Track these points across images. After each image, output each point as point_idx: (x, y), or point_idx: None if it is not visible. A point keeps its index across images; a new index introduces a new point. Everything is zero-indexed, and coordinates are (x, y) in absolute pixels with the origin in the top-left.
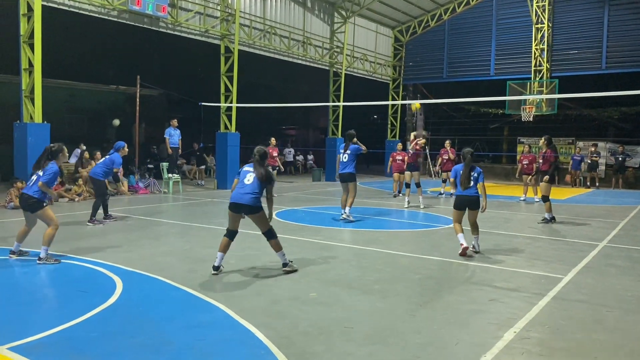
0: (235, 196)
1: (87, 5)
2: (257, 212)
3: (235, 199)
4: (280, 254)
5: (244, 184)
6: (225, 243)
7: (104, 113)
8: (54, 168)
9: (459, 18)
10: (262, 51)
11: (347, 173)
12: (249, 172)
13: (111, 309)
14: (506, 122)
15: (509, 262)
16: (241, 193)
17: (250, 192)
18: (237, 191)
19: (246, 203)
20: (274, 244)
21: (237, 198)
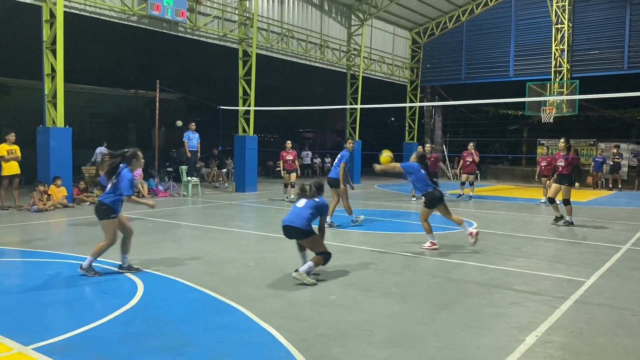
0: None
1: (108, 11)
2: (308, 236)
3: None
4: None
5: (295, 206)
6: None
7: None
8: (128, 176)
9: (477, 19)
10: (279, 54)
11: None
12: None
13: (132, 311)
14: (526, 123)
15: (530, 265)
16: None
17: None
18: (289, 215)
19: (297, 225)
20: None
21: (288, 221)
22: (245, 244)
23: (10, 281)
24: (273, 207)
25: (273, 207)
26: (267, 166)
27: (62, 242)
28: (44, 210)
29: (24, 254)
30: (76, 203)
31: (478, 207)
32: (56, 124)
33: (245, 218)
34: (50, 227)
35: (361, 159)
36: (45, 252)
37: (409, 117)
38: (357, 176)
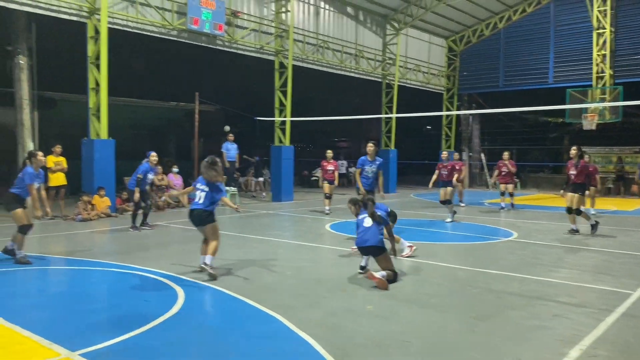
0: (359, 241)
1: (149, 26)
2: (382, 252)
3: (360, 244)
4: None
5: (364, 227)
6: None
7: (164, 128)
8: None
9: (515, 26)
10: (315, 65)
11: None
12: (365, 217)
13: (173, 319)
14: (567, 131)
15: (573, 276)
16: (365, 237)
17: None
18: (361, 236)
19: (372, 244)
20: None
21: (361, 242)
22: (283, 252)
23: (56, 289)
24: (309, 216)
25: (309, 216)
26: (303, 176)
27: (105, 251)
28: (88, 219)
29: (70, 262)
30: (119, 212)
31: (518, 216)
32: (100, 136)
33: (282, 227)
34: (94, 236)
35: (397, 168)
36: (89, 261)
37: (446, 125)
38: (393, 185)
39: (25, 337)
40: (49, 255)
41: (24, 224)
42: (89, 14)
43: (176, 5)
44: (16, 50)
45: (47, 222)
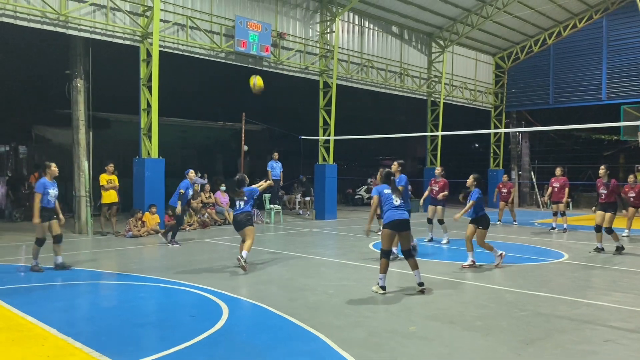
0: (394, 215)
1: (198, 49)
2: (409, 228)
3: (398, 217)
4: (417, 272)
5: (395, 204)
6: (386, 264)
7: (212, 148)
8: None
9: (564, 42)
10: (359, 84)
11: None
12: (391, 195)
13: (217, 335)
14: (622, 149)
15: (627, 300)
16: (399, 212)
17: (406, 209)
18: (394, 212)
19: (406, 217)
20: (412, 263)
21: (398, 216)
22: (325, 271)
23: (107, 303)
24: (352, 234)
25: (352, 234)
26: (347, 194)
27: (153, 267)
28: (138, 236)
29: (120, 277)
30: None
31: (570, 237)
32: (150, 155)
33: (325, 245)
34: (143, 252)
35: None
36: (138, 276)
37: (494, 143)
38: None
39: (77, 348)
40: (101, 270)
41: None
42: (141, 38)
43: (224, 29)
44: (74, 73)
45: (99, 238)
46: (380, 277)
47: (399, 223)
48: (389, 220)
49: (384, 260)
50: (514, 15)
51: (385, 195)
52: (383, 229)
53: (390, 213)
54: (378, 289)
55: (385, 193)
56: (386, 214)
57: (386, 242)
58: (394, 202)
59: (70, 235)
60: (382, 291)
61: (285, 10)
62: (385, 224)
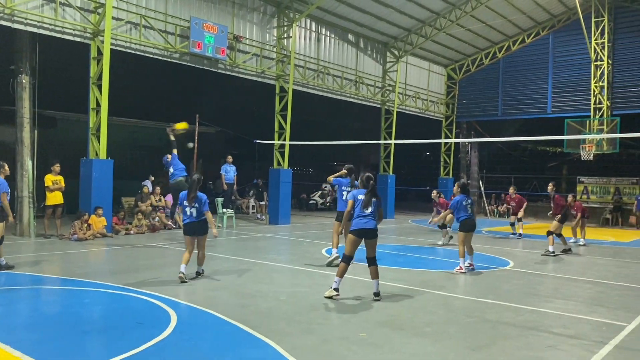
0: (360, 223)
1: (152, 49)
2: (376, 236)
3: (363, 226)
4: (376, 282)
5: (363, 211)
6: (344, 269)
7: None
8: (204, 197)
9: (514, 56)
10: (315, 90)
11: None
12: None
13: (165, 342)
14: (565, 160)
15: (568, 307)
16: (365, 220)
17: (373, 218)
18: (361, 220)
19: (371, 227)
20: (373, 271)
21: (363, 225)
22: (278, 277)
23: (49, 309)
24: (305, 240)
25: (305, 240)
26: (301, 199)
27: (99, 271)
28: (83, 239)
29: (63, 282)
30: (114, 233)
31: (515, 245)
32: (99, 155)
33: (278, 251)
34: (88, 256)
35: (395, 194)
36: (83, 281)
37: (444, 152)
38: (391, 210)
39: (16, 357)
40: (43, 275)
41: None
42: (92, 35)
43: (179, 29)
44: (19, 69)
45: (43, 241)
46: (335, 281)
47: (364, 232)
48: (355, 227)
49: (342, 265)
50: (466, 29)
51: (359, 201)
52: (349, 235)
53: (357, 220)
54: (331, 291)
55: (359, 199)
56: (354, 220)
57: (349, 247)
58: (363, 210)
59: (12, 237)
60: (335, 293)
61: (242, 14)
62: (350, 230)
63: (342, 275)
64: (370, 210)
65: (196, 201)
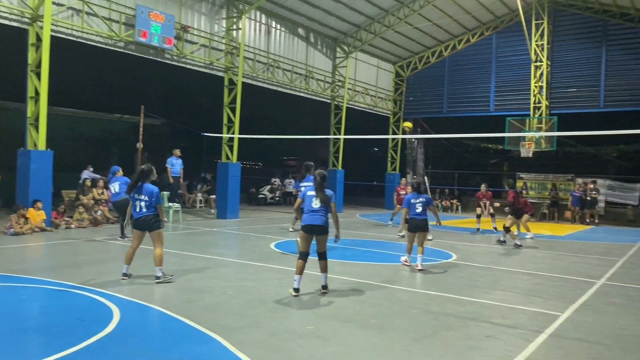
0: (308, 219)
1: (95, 36)
2: (326, 233)
3: (310, 222)
4: (324, 276)
5: (312, 208)
6: (302, 265)
7: (107, 141)
8: (155, 189)
9: (459, 55)
10: (265, 84)
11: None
12: (313, 197)
13: (108, 338)
14: (506, 157)
15: (507, 298)
16: (314, 217)
17: (322, 214)
18: (309, 216)
19: (318, 224)
20: (323, 265)
21: (311, 221)
22: (225, 271)
23: None
24: (254, 234)
25: (254, 234)
26: (250, 193)
27: (37, 267)
28: (21, 233)
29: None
30: (53, 227)
31: (459, 239)
32: (37, 146)
33: (225, 245)
34: (26, 251)
35: (344, 189)
36: (20, 277)
37: (392, 148)
38: (340, 205)
39: None
40: None
41: None
42: (30, 20)
43: (124, 17)
44: None
45: None
46: (295, 279)
47: (311, 228)
48: (304, 223)
49: (299, 262)
50: (414, 27)
51: (308, 197)
52: (300, 231)
53: (306, 216)
54: (292, 290)
55: (308, 195)
56: (303, 216)
57: (302, 244)
58: (312, 206)
59: None
60: (295, 293)
61: (190, 3)
62: (301, 226)
63: (301, 273)
64: (319, 206)
65: (144, 193)
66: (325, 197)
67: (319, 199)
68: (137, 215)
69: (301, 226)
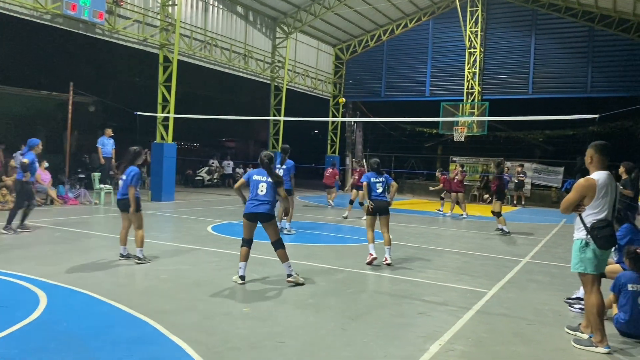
0: (250, 207)
1: (18, 8)
2: (270, 220)
3: (253, 210)
4: (287, 265)
5: (257, 194)
6: (246, 252)
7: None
8: (135, 171)
9: (397, 39)
10: (202, 62)
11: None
12: (261, 182)
13: (33, 325)
14: (440, 141)
15: (439, 276)
16: (257, 204)
17: (266, 202)
18: (252, 202)
19: (262, 212)
20: (281, 254)
21: (254, 209)
22: (159, 255)
23: None
24: (190, 217)
25: (190, 217)
26: (186, 175)
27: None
28: None
29: None
30: None
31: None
32: None
33: (160, 228)
34: None
35: None
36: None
37: (332, 130)
38: None
39: None
40: None
41: None
42: None
43: None
44: None
45: None
46: (240, 266)
47: (255, 216)
48: (246, 210)
49: (242, 249)
50: (353, 9)
51: (254, 181)
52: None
53: (249, 203)
54: (237, 278)
55: (254, 179)
56: (247, 202)
57: (244, 231)
58: (257, 192)
59: None
60: (241, 281)
61: None
62: (244, 213)
63: (245, 259)
64: (265, 192)
65: (125, 173)
66: (279, 178)
67: (268, 183)
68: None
69: (243, 213)
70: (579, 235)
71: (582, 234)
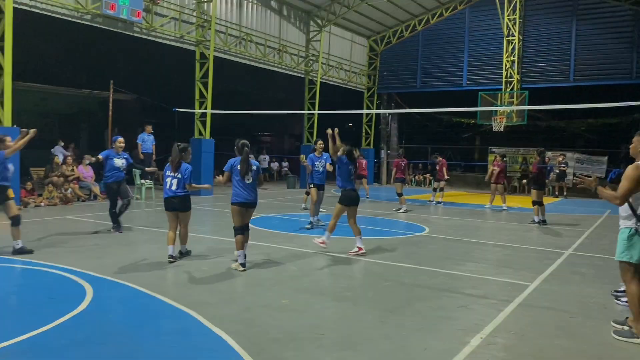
0: (243, 195)
1: (60, 9)
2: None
3: (243, 199)
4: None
5: (245, 184)
6: (242, 240)
7: (76, 117)
8: (190, 168)
9: (432, 29)
10: (237, 58)
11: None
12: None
13: (80, 316)
14: (478, 131)
15: (478, 269)
16: (247, 192)
17: (254, 189)
18: (242, 191)
19: (253, 200)
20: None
21: (245, 197)
22: (200, 248)
23: None
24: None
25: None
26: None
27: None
28: None
29: None
30: (22, 205)
31: (431, 212)
32: (3, 123)
33: (200, 222)
34: None
35: None
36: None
37: (366, 123)
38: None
39: None
40: None
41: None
42: None
43: None
44: None
45: None
46: (238, 254)
47: (248, 204)
48: (239, 199)
49: (237, 237)
50: (387, 0)
51: (236, 170)
52: (233, 206)
53: (237, 191)
54: (238, 266)
55: (237, 169)
56: (234, 190)
57: (234, 219)
58: (244, 180)
59: None
60: (242, 268)
61: None
62: (232, 202)
63: (242, 247)
64: (251, 180)
65: (179, 171)
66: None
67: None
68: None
69: (235, 202)
70: (627, 224)
71: (630, 223)
